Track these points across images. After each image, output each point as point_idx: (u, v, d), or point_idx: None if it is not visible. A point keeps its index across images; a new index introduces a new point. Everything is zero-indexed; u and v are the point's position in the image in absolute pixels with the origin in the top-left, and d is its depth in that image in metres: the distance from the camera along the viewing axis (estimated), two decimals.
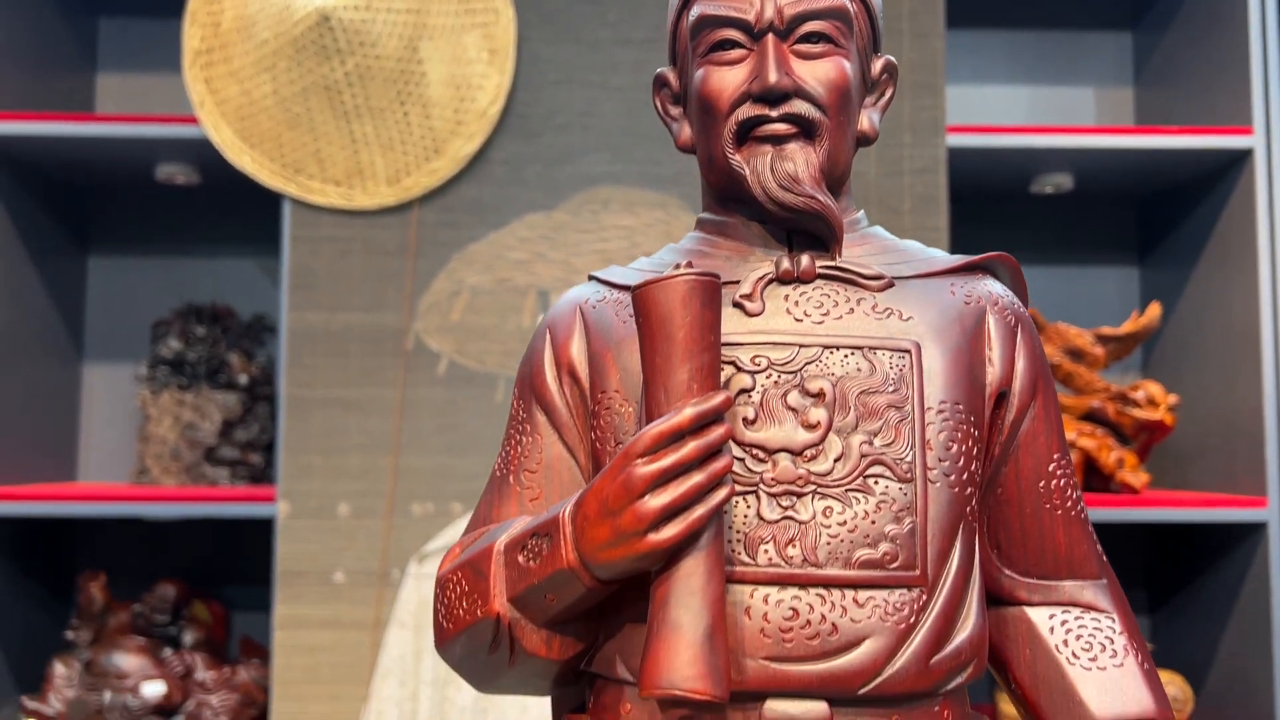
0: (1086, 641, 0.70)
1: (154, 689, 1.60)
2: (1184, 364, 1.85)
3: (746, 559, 0.64)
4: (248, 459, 1.82)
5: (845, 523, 0.65)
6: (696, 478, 0.60)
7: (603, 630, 0.68)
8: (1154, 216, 1.95)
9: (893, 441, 0.66)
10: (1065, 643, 0.70)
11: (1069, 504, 0.72)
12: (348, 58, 1.50)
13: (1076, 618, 0.71)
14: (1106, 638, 0.70)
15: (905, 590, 0.64)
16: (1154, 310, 1.75)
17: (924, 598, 0.65)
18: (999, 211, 1.95)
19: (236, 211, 1.90)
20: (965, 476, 0.68)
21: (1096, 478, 1.74)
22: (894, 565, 0.64)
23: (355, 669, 1.53)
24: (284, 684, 1.53)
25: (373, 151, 1.56)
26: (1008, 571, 0.72)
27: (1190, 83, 1.82)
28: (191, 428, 1.80)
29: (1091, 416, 1.75)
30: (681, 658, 0.59)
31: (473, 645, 0.68)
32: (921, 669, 0.64)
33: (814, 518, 0.64)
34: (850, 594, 0.64)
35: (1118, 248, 2.00)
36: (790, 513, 0.64)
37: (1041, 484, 0.71)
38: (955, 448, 0.67)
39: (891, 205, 1.60)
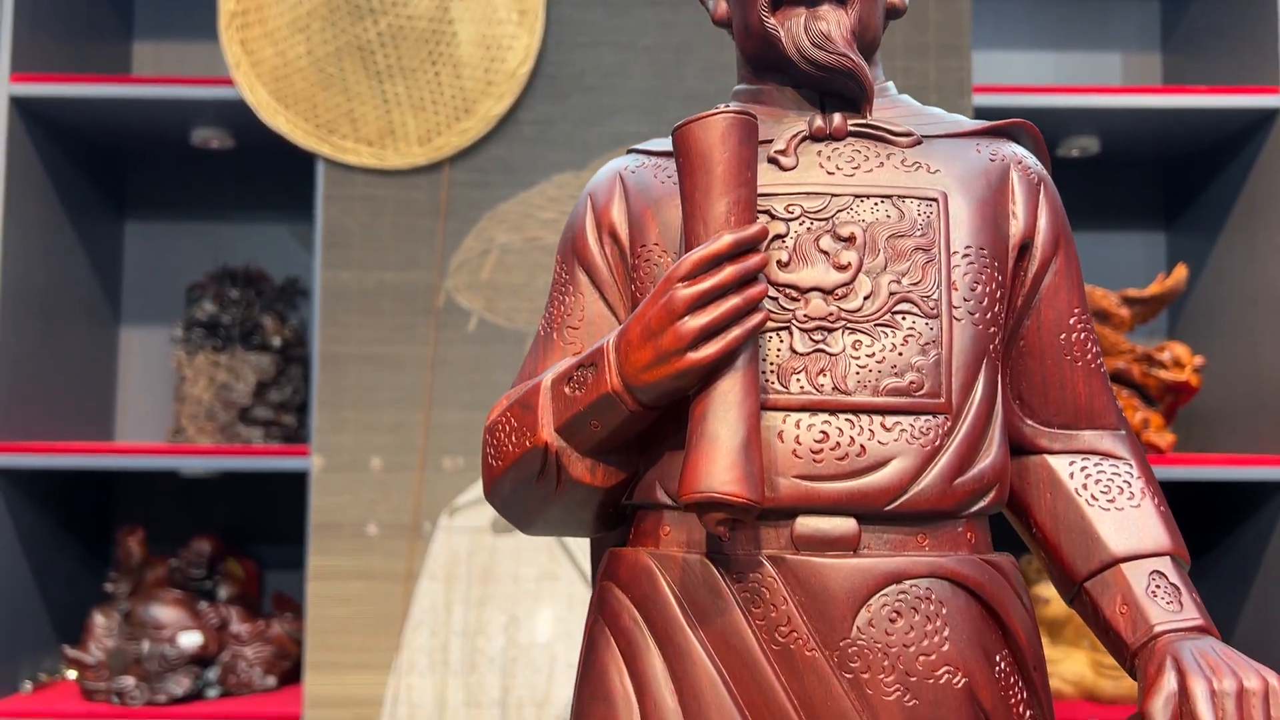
0: (1105, 485, 0.73)
1: (191, 639, 1.64)
2: (1211, 327, 1.85)
3: (780, 388, 0.67)
4: (281, 419, 1.85)
5: (874, 354, 0.68)
6: (733, 300, 0.64)
7: (643, 462, 0.71)
8: (1181, 180, 1.95)
9: (919, 281, 0.69)
10: (1085, 486, 0.73)
11: (1089, 357, 0.75)
12: (380, 18, 1.53)
13: (1096, 464, 0.74)
14: (1125, 482, 0.73)
15: (930, 416, 0.67)
16: (1180, 272, 1.75)
17: (948, 424, 0.67)
18: None
19: (270, 176, 1.93)
20: (989, 316, 0.71)
21: None
22: (920, 393, 0.67)
23: (387, 620, 1.56)
24: (317, 634, 1.56)
25: (404, 112, 1.59)
26: (1030, 422, 0.75)
27: (1217, 48, 1.82)
28: (226, 388, 1.84)
29: (1117, 378, 1.76)
30: (719, 465, 0.62)
31: (521, 477, 0.71)
32: (945, 488, 0.67)
33: (844, 350, 0.68)
34: (878, 419, 0.67)
35: (1144, 212, 2.00)
36: (821, 346, 0.68)
37: (1062, 336, 0.74)
38: (979, 289, 0.70)
39: None
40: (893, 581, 0.66)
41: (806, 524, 0.66)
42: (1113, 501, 0.72)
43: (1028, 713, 0.69)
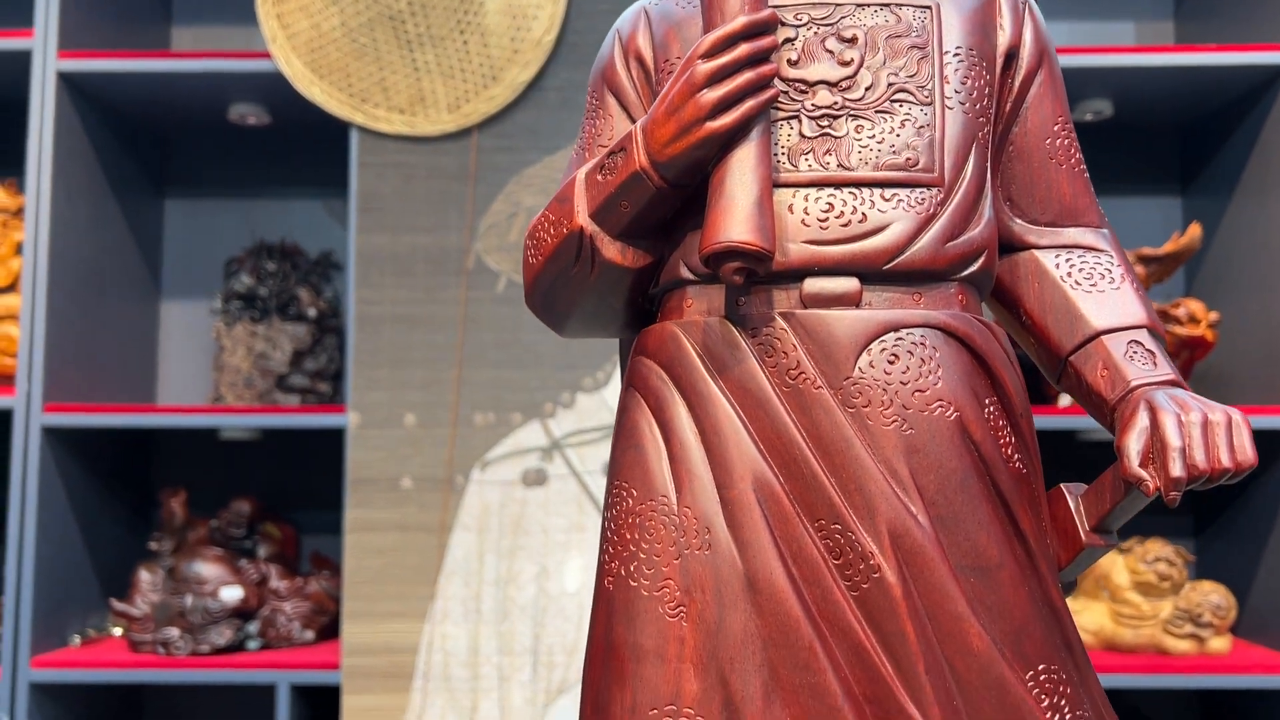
0: (1088, 272, 0.79)
1: (232, 593, 1.70)
2: (1227, 286, 1.88)
3: (790, 168, 0.74)
4: (316, 387, 1.91)
5: (874, 136, 0.75)
6: (747, 74, 0.71)
7: (668, 248, 0.78)
8: (1196, 144, 1.98)
9: (915, 74, 0.76)
10: (1069, 274, 0.79)
11: (1073, 161, 0.81)
12: None
13: (1080, 255, 0.80)
14: (1105, 269, 0.79)
15: (925, 189, 0.74)
16: (1194, 230, 1.78)
17: (941, 195, 0.74)
18: None
19: (304, 153, 2.00)
20: (978, 108, 0.78)
21: None
22: (915, 168, 0.74)
23: (422, 570, 1.61)
24: (355, 585, 1.61)
25: (434, 79, 1.65)
26: (1019, 220, 0.81)
27: (1230, 13, 1.85)
28: (263, 357, 1.90)
29: None
30: (735, 219, 0.69)
31: (559, 266, 0.78)
32: (938, 250, 0.73)
33: (847, 134, 0.75)
34: (878, 191, 0.74)
35: (1160, 177, 2.03)
36: (827, 130, 0.75)
37: (1048, 141, 0.81)
38: (969, 83, 0.77)
39: None
40: (890, 330, 0.72)
41: (814, 284, 0.73)
42: (1095, 285, 0.78)
43: (1015, 455, 0.74)
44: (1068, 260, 0.80)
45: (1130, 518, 0.74)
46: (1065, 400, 1.78)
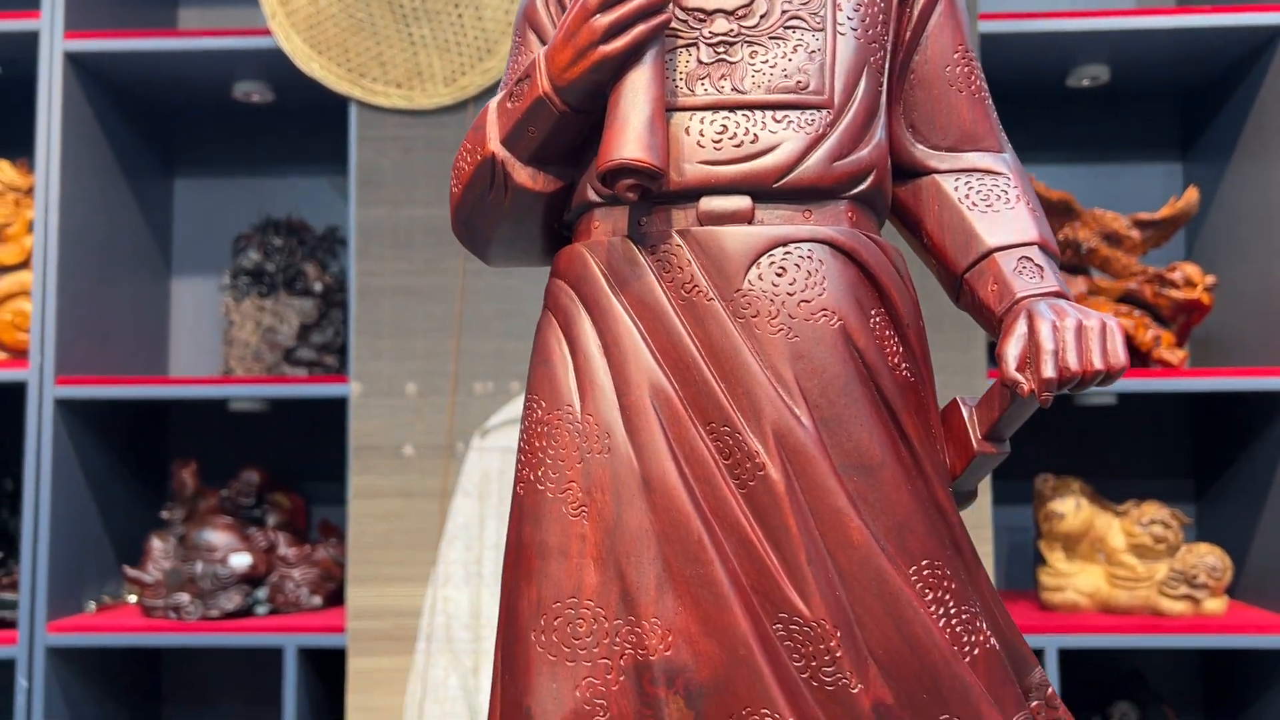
0: (984, 194, 0.82)
1: (241, 560, 1.74)
2: (1227, 250, 1.87)
3: (687, 92, 0.78)
4: (323, 360, 1.95)
5: (768, 61, 0.78)
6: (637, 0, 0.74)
7: (577, 174, 0.82)
8: (1196, 108, 1.97)
9: (808, 2, 0.80)
10: (967, 196, 0.82)
11: (973, 88, 0.84)
12: None
13: (978, 179, 0.83)
14: (1002, 190, 0.82)
15: (815, 111, 0.78)
16: (1191, 194, 1.78)
17: (831, 117, 0.78)
18: (1036, 109, 1.99)
19: (308, 129, 2.03)
20: (870, 34, 0.81)
21: (1135, 357, 1.78)
22: (806, 90, 0.78)
23: (424, 535, 1.65)
24: (359, 550, 1.65)
25: (430, 53, 1.67)
26: (921, 146, 0.84)
27: None
28: (271, 331, 1.93)
29: (1128, 298, 1.79)
30: (627, 138, 0.73)
31: (476, 193, 0.82)
32: (826, 169, 0.77)
33: (742, 60, 0.78)
34: (770, 113, 0.77)
35: (1160, 142, 2.02)
36: (723, 57, 0.78)
37: (947, 69, 0.84)
38: (862, 10, 0.81)
39: None
40: (779, 245, 0.76)
41: (709, 203, 0.76)
42: (990, 206, 0.81)
43: (903, 365, 0.77)
44: (966, 183, 0.83)
45: (1020, 424, 0.77)
46: None
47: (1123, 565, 1.71)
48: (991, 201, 0.81)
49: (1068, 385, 0.72)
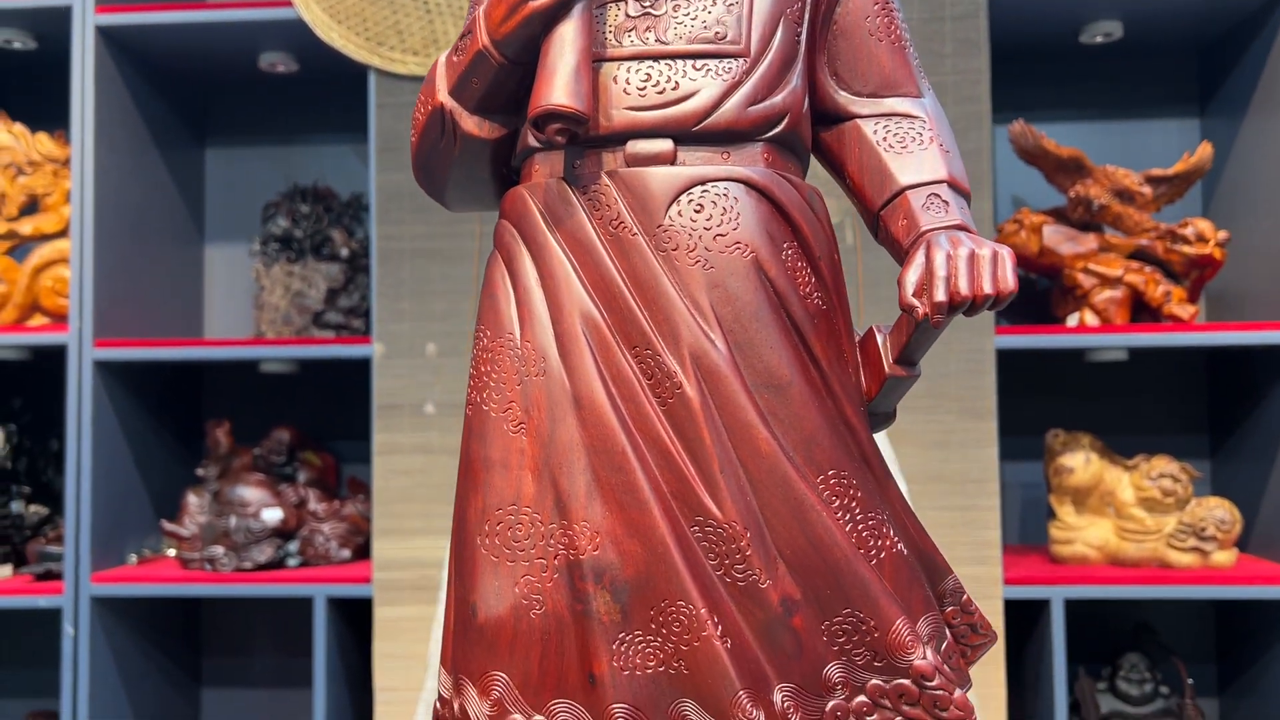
0: (900, 136, 0.87)
1: (273, 514, 1.81)
2: (1244, 207, 1.87)
3: (615, 44, 0.84)
4: (350, 323, 2.01)
5: (689, 14, 0.84)
6: None
7: (520, 121, 0.87)
8: (1212, 63, 1.96)
9: None
10: (884, 138, 0.87)
11: (893, 37, 0.89)
12: None
13: (896, 122, 0.88)
14: (917, 133, 0.87)
15: (732, 60, 0.83)
16: (1204, 150, 1.78)
17: (747, 65, 0.83)
18: (1049, 67, 1.99)
19: (332, 98, 2.08)
20: None
21: (1145, 313, 1.79)
22: (724, 40, 0.83)
23: (446, 489, 1.70)
24: (384, 504, 1.71)
25: (445, 20, 1.71)
26: (844, 93, 0.90)
27: None
28: (300, 295, 2.00)
29: (1139, 254, 1.80)
30: (554, 85, 0.78)
31: (429, 140, 0.88)
32: (741, 113, 0.82)
33: (666, 13, 0.84)
34: (690, 62, 0.83)
35: (1177, 98, 2.02)
36: (649, 10, 0.84)
37: (867, 19, 0.89)
38: None
39: (933, 49, 1.67)
40: (698, 184, 0.81)
41: (634, 146, 0.82)
42: (905, 147, 0.86)
43: (815, 294, 0.83)
44: (884, 126, 0.88)
45: (928, 348, 0.82)
46: (1073, 320, 1.81)
47: (1131, 519, 1.73)
48: (906, 143, 0.86)
49: (960, 309, 0.78)
